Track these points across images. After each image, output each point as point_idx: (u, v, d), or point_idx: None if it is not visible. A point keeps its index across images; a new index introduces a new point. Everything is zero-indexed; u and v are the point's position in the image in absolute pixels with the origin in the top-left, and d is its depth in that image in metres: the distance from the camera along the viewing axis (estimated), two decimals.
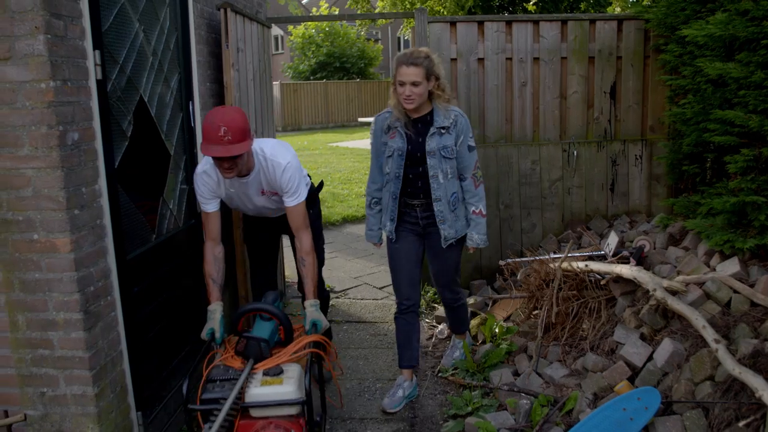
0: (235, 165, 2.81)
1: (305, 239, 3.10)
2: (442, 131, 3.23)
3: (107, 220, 2.60)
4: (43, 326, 2.43)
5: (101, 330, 2.55)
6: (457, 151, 3.28)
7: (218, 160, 2.78)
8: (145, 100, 3.01)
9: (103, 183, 2.57)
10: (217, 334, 2.84)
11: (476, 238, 3.41)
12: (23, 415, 2.47)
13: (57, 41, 2.24)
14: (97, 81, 2.52)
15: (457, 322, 3.86)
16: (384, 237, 3.58)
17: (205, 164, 3.00)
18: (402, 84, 3.12)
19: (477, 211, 3.39)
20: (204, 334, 2.84)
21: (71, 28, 2.33)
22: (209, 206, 3.04)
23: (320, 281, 3.64)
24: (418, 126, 3.26)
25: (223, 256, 3.07)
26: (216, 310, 2.92)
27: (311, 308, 2.99)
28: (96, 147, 2.52)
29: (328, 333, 3.80)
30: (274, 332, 2.74)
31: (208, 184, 3.01)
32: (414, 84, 3.11)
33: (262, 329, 2.69)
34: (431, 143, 3.23)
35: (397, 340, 3.59)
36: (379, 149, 3.40)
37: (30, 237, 2.35)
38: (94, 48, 2.49)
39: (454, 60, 4.76)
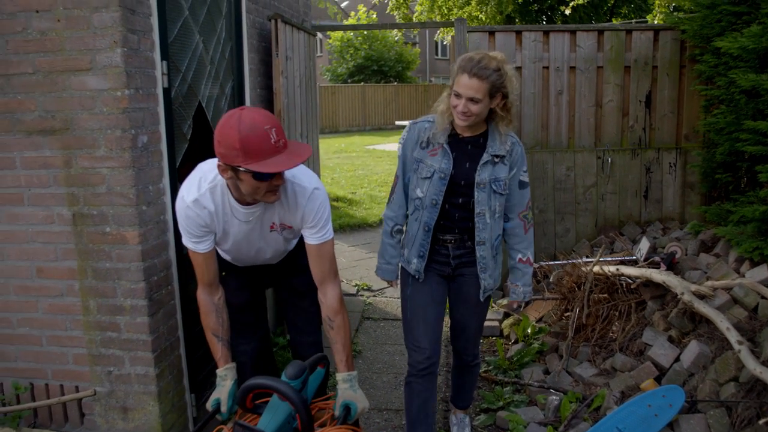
0: (279, 185, 2.18)
1: (332, 292, 2.40)
2: (496, 160, 2.61)
3: (169, 216, 2.84)
4: (112, 311, 2.68)
5: (162, 316, 2.79)
6: (508, 186, 2.67)
7: (265, 180, 2.12)
8: (203, 105, 3.24)
9: (166, 182, 2.81)
10: (224, 407, 2.34)
11: (522, 290, 2.82)
12: (93, 391, 2.73)
13: (131, 53, 2.49)
14: (164, 89, 2.76)
15: (468, 390, 3.20)
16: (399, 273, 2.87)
17: (195, 190, 2.26)
18: (458, 96, 2.48)
19: (525, 259, 2.80)
20: (209, 405, 2.36)
21: (143, 41, 2.58)
22: (201, 245, 2.32)
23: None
24: (467, 148, 2.63)
25: (224, 302, 2.48)
26: (227, 377, 2.38)
27: (345, 384, 2.34)
28: (161, 149, 2.77)
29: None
30: (288, 422, 2.13)
31: (201, 217, 2.27)
32: (472, 100, 2.46)
33: (271, 417, 2.11)
34: (483, 173, 2.60)
35: (407, 414, 2.84)
36: (409, 165, 2.71)
37: (103, 230, 2.60)
38: (162, 59, 2.73)
39: None
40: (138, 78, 2.54)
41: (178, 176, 2.95)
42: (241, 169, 2.05)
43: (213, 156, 2.30)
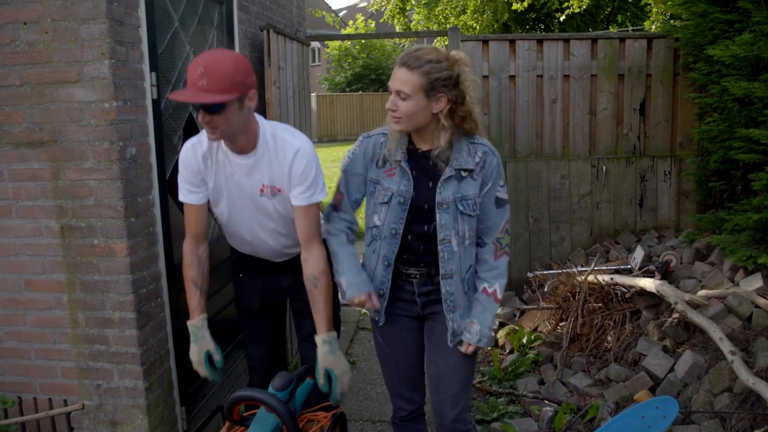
0: (216, 125, 2.16)
1: (318, 252, 2.34)
2: (464, 174, 2.16)
3: (159, 228, 2.82)
4: (101, 324, 2.65)
5: (152, 329, 2.77)
6: (480, 203, 2.22)
7: (197, 111, 2.21)
8: (194, 116, 3.23)
9: (155, 193, 2.80)
10: (216, 356, 2.39)
11: (477, 331, 2.23)
12: (81, 405, 2.71)
13: (120, 65, 2.48)
14: (153, 100, 2.75)
15: None
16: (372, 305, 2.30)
17: (197, 137, 2.37)
18: (390, 92, 2.12)
19: (491, 290, 2.25)
20: (199, 360, 2.38)
21: (132, 53, 2.57)
22: (195, 196, 2.36)
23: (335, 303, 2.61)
24: (428, 164, 2.18)
25: (208, 256, 2.49)
26: (203, 327, 2.39)
27: (325, 347, 2.29)
28: (150, 160, 2.75)
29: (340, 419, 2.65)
30: None
31: (197, 159, 2.33)
32: (399, 95, 2.07)
33: (258, 429, 2.08)
34: (445, 191, 2.16)
35: None
36: (356, 184, 2.30)
37: (91, 242, 2.58)
38: (151, 70, 2.72)
39: (486, 77, 4.91)
40: (126, 89, 2.53)
41: (168, 187, 2.94)
42: None
43: None
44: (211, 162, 2.33)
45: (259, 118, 2.34)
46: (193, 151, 2.32)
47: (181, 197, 2.38)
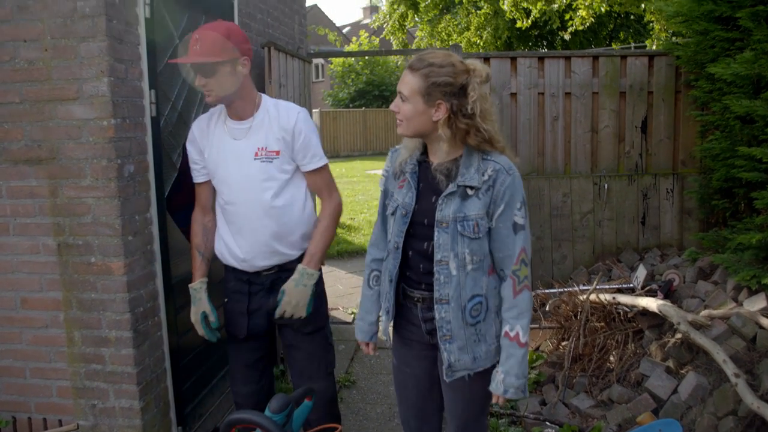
0: (210, 88, 2.39)
1: (326, 204, 2.61)
2: (469, 192, 2.03)
3: (157, 246, 2.81)
4: (97, 343, 2.63)
5: (148, 348, 2.74)
6: (493, 228, 2.04)
7: (194, 79, 2.46)
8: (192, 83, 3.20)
9: (154, 211, 2.78)
10: (212, 317, 2.60)
11: (505, 381, 2.04)
12: (76, 425, 2.67)
13: (119, 83, 2.48)
14: (152, 118, 2.75)
15: None
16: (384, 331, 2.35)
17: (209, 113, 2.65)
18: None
19: (513, 334, 2.04)
20: (196, 319, 2.60)
21: (131, 70, 2.57)
22: (200, 176, 2.65)
23: (332, 400, 2.81)
24: (435, 177, 2.08)
25: (213, 226, 2.69)
26: (201, 289, 2.61)
27: (295, 275, 2.50)
28: (149, 178, 2.74)
29: (334, 408, 2.87)
30: None
31: (201, 129, 2.59)
32: (401, 97, 2.03)
33: None
34: (445, 208, 2.03)
35: None
36: (385, 198, 2.29)
37: (88, 260, 2.56)
38: (150, 88, 2.72)
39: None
40: (125, 107, 2.53)
41: (167, 205, 2.93)
42: None
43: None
44: (211, 127, 2.56)
45: (263, 94, 2.61)
46: (200, 122, 2.61)
47: (195, 179, 2.67)
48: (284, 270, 2.60)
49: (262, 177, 2.49)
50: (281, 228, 2.54)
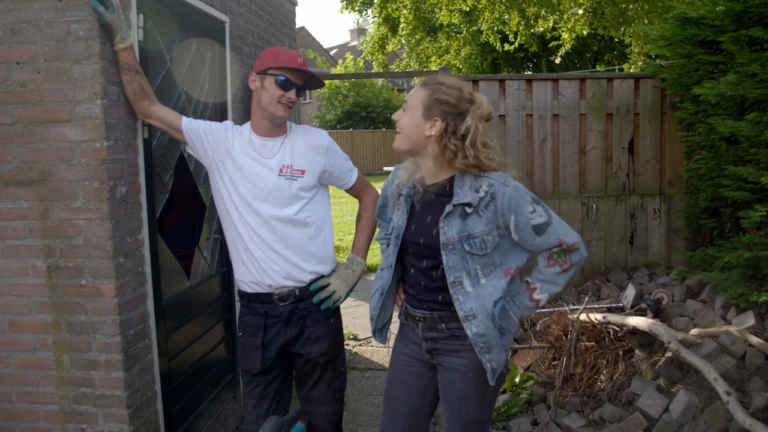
0: (295, 103, 2.52)
1: (364, 199, 2.75)
2: (467, 210, 2.06)
3: (148, 268, 2.79)
4: (86, 366, 2.59)
5: (139, 371, 2.71)
6: (518, 239, 2.10)
7: (286, 90, 2.47)
8: (185, 155, 3.23)
9: (145, 233, 2.77)
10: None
11: (518, 310, 2.18)
12: None
13: (111, 105, 2.48)
14: (144, 139, 2.75)
15: None
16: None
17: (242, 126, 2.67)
18: None
19: (533, 285, 2.17)
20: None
21: (124, 92, 2.57)
22: (191, 121, 2.64)
23: (338, 423, 2.72)
24: (432, 197, 2.15)
25: (158, 106, 2.63)
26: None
27: (345, 262, 2.66)
28: (140, 200, 2.73)
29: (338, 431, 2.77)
30: None
31: (225, 132, 2.60)
32: (405, 107, 2.13)
33: None
34: (449, 230, 2.06)
35: None
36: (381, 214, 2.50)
37: (78, 282, 2.54)
38: None
39: None
40: (118, 129, 2.53)
41: (158, 227, 2.92)
42: (269, 72, 2.46)
43: (194, 208, 2.95)
44: (241, 138, 2.58)
45: None
46: (232, 125, 2.65)
47: (185, 118, 2.63)
48: (301, 300, 2.57)
49: (286, 194, 2.53)
50: (297, 243, 2.56)
